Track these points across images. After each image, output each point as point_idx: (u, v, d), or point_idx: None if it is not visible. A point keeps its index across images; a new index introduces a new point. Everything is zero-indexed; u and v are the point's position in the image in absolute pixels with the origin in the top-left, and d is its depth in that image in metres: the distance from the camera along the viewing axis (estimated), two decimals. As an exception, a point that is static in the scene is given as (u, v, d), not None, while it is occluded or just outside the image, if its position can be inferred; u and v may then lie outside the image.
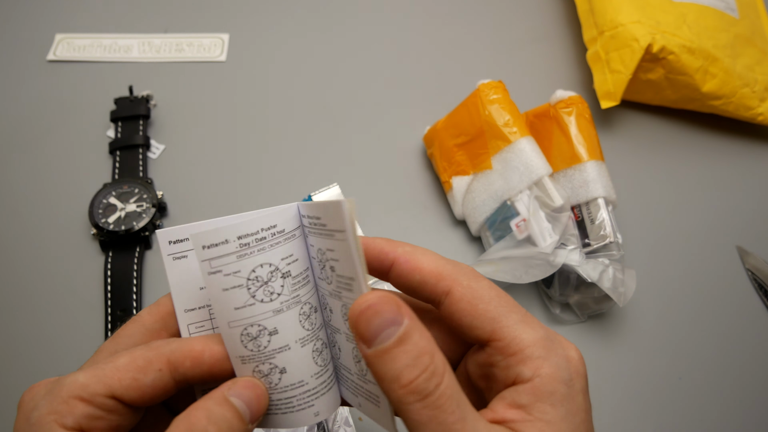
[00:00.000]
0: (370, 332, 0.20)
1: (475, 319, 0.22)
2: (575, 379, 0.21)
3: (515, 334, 0.21)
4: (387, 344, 0.20)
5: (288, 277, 0.23)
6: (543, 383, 0.21)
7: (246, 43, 0.60)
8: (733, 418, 0.43)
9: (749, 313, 0.47)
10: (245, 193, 0.51)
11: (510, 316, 0.22)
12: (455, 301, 0.22)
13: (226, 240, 0.22)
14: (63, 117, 0.55)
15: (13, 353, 0.43)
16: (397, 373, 0.20)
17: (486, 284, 0.23)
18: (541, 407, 0.20)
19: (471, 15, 0.64)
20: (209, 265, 0.22)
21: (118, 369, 0.22)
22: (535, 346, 0.21)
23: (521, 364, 0.21)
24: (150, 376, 0.22)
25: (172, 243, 0.24)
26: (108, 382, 0.21)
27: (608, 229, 0.43)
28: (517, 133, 0.45)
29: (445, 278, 0.23)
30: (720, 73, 0.52)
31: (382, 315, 0.20)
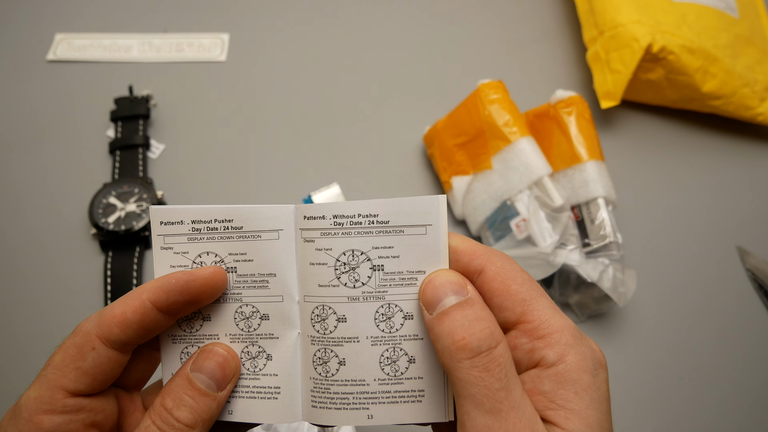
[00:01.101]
0: (436, 297, 0.21)
1: (506, 300, 0.22)
2: (599, 369, 0.21)
3: (545, 318, 0.21)
4: (447, 307, 0.21)
5: (379, 270, 0.23)
6: (567, 370, 0.20)
7: (246, 43, 0.60)
8: (733, 418, 0.43)
9: (749, 313, 0.47)
10: (245, 192, 0.51)
11: (541, 300, 0.22)
12: (488, 280, 0.22)
13: (182, 221, 0.24)
14: (63, 117, 0.55)
15: (13, 353, 0.43)
16: (451, 331, 0.20)
17: (518, 267, 0.23)
18: (565, 395, 0.20)
19: (471, 15, 0.64)
20: (163, 241, 0.24)
21: (57, 368, 0.22)
22: (564, 332, 0.21)
23: (547, 348, 0.21)
24: (88, 359, 0.22)
25: (164, 224, 0.24)
26: (55, 384, 0.22)
27: (608, 229, 0.43)
28: (517, 133, 0.45)
29: (478, 257, 0.22)
30: (720, 73, 0.52)
31: (446, 286, 0.22)
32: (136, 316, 0.23)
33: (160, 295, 0.23)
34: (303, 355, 0.24)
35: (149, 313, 0.23)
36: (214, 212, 0.24)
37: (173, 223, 0.24)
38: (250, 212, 0.24)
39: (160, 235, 0.24)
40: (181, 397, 0.22)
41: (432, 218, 0.23)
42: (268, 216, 0.24)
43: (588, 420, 0.20)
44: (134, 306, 0.23)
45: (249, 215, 0.24)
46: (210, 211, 0.24)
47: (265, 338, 0.24)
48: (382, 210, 0.23)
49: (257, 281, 0.24)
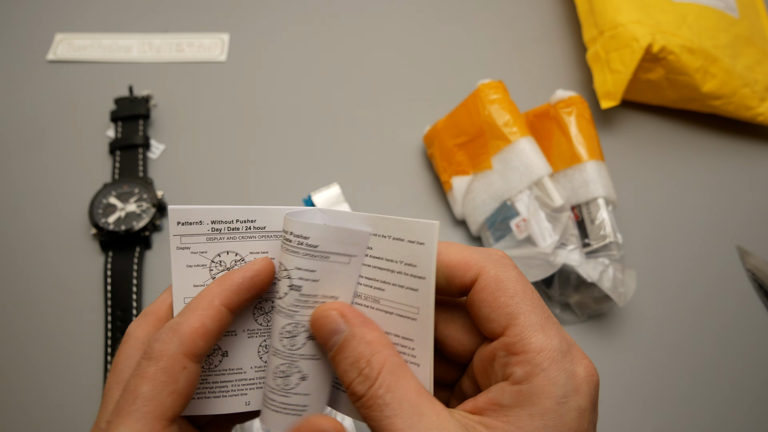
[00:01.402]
0: (323, 340, 0.23)
1: (493, 311, 0.22)
2: (571, 397, 0.20)
3: (525, 336, 0.21)
4: (332, 352, 0.22)
5: (296, 291, 0.24)
6: (530, 392, 0.20)
7: (246, 43, 0.60)
8: (733, 418, 0.43)
9: (749, 313, 0.47)
10: (245, 192, 0.51)
11: (529, 317, 0.21)
12: (479, 289, 0.22)
13: (201, 221, 0.24)
14: (63, 117, 0.55)
15: (13, 353, 0.43)
16: (341, 377, 0.22)
17: (514, 276, 0.22)
18: (518, 413, 0.20)
19: (471, 15, 0.64)
20: (179, 241, 0.24)
21: (151, 398, 0.21)
22: (541, 354, 0.20)
23: (518, 365, 0.21)
24: (182, 380, 0.22)
25: (181, 224, 0.24)
26: (154, 416, 0.21)
27: (608, 229, 0.43)
28: (517, 133, 0.45)
29: (472, 267, 0.22)
30: (720, 73, 0.52)
31: (327, 325, 0.22)
32: (215, 324, 0.23)
33: (232, 297, 0.23)
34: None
35: (225, 318, 0.23)
36: (236, 213, 0.24)
37: (191, 223, 0.24)
38: (274, 213, 0.24)
39: (177, 235, 0.24)
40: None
41: (357, 250, 0.24)
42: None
43: None
44: (211, 315, 0.23)
45: (273, 216, 0.24)
46: (231, 212, 0.24)
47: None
48: (313, 234, 0.23)
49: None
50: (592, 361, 0.22)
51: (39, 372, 0.42)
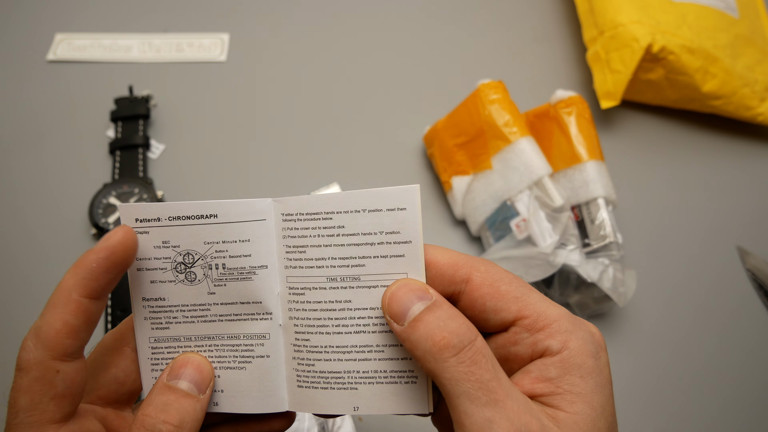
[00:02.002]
0: (403, 308, 0.21)
1: (499, 301, 0.22)
2: (600, 352, 0.21)
3: (542, 310, 0.22)
4: (417, 314, 0.21)
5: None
6: (572, 355, 0.21)
7: (246, 43, 0.60)
8: (733, 418, 0.43)
9: (749, 313, 0.47)
10: (245, 192, 0.51)
11: (532, 295, 0.22)
12: (476, 286, 0.22)
13: (159, 218, 0.24)
14: (63, 117, 0.55)
15: (13, 353, 0.43)
16: (429, 334, 0.20)
17: (502, 269, 0.23)
18: (570, 380, 0.21)
19: (471, 15, 0.64)
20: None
21: (31, 409, 0.21)
22: (562, 320, 0.21)
23: (550, 338, 0.21)
24: (59, 384, 0.21)
25: (139, 221, 0.24)
26: (39, 423, 0.21)
27: (608, 229, 0.43)
28: (517, 133, 0.45)
29: (462, 267, 0.23)
30: (720, 73, 0.52)
31: (410, 294, 0.22)
32: (79, 318, 0.21)
33: (91, 285, 0.22)
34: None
35: (90, 309, 0.22)
36: (192, 207, 0.24)
37: (149, 220, 0.24)
38: (229, 206, 0.24)
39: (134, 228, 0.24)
40: (165, 402, 0.22)
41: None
42: (249, 210, 0.24)
43: (592, 403, 0.20)
44: (72, 310, 0.21)
45: (229, 209, 0.24)
46: (188, 207, 0.24)
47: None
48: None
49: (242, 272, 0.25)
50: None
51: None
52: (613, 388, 0.22)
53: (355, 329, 0.24)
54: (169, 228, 0.24)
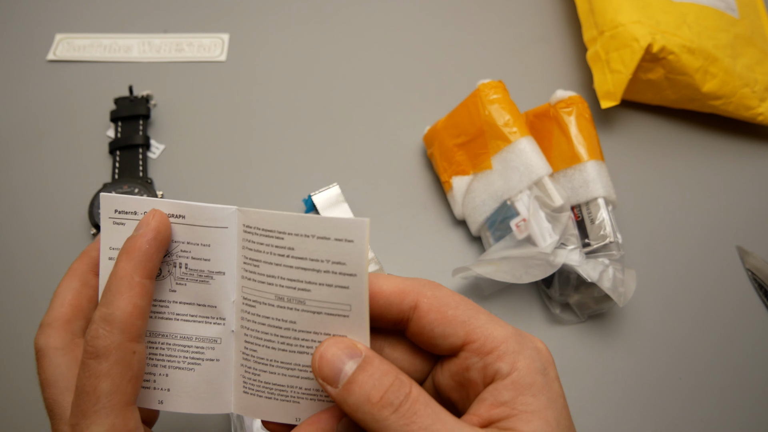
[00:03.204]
0: (333, 371, 0.22)
1: (447, 327, 0.22)
2: (548, 367, 0.22)
3: (488, 332, 0.22)
4: (351, 375, 0.21)
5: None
6: (521, 376, 0.21)
7: (246, 43, 0.60)
8: (733, 418, 0.43)
9: (749, 313, 0.47)
10: (245, 193, 0.51)
11: (479, 317, 0.22)
12: (424, 313, 0.23)
13: (135, 212, 0.25)
14: (63, 117, 0.55)
15: (13, 354, 0.43)
16: (366, 396, 0.21)
17: (449, 291, 0.23)
18: (523, 399, 0.21)
19: (471, 15, 0.64)
20: (113, 222, 0.25)
21: (113, 392, 0.22)
22: (508, 341, 0.22)
23: (499, 361, 0.22)
24: (135, 364, 0.23)
25: (117, 212, 0.25)
26: (121, 405, 0.22)
27: (608, 229, 0.43)
28: (517, 133, 0.45)
29: (408, 293, 0.23)
30: (720, 73, 0.52)
31: (339, 354, 0.22)
32: (145, 300, 0.23)
33: (148, 266, 0.23)
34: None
35: (150, 289, 0.23)
36: (165, 206, 0.25)
37: (127, 212, 0.25)
38: (196, 209, 0.25)
39: (111, 218, 0.25)
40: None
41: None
42: (212, 216, 0.25)
43: (547, 418, 0.21)
44: (139, 292, 0.23)
45: (196, 212, 0.25)
46: (161, 204, 0.25)
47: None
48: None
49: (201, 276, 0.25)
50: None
51: (39, 372, 0.42)
52: (565, 400, 0.22)
53: (298, 349, 0.24)
54: None
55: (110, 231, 0.25)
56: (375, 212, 0.50)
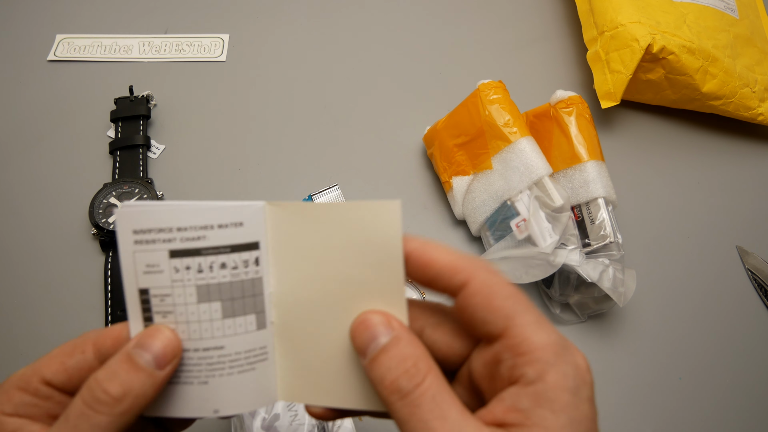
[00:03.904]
0: (364, 343, 0.22)
1: (489, 314, 0.22)
2: (582, 387, 0.21)
3: (527, 335, 0.21)
4: (375, 352, 0.22)
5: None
6: (546, 389, 0.20)
7: (246, 43, 0.60)
8: (733, 418, 0.43)
9: (749, 313, 0.47)
10: (245, 193, 0.51)
11: (524, 316, 0.21)
12: (471, 294, 0.22)
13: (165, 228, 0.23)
14: (63, 117, 0.55)
15: (13, 353, 0.43)
16: (381, 376, 0.22)
17: (502, 279, 0.22)
18: (541, 413, 0.20)
19: (471, 15, 0.64)
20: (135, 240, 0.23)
21: (50, 357, 0.23)
22: (546, 350, 0.21)
23: (527, 366, 0.21)
24: (74, 359, 0.23)
25: (139, 232, 0.23)
26: (39, 369, 0.23)
27: (608, 229, 0.43)
28: (517, 133, 0.45)
29: (460, 271, 0.22)
30: (720, 73, 0.52)
31: (371, 328, 0.22)
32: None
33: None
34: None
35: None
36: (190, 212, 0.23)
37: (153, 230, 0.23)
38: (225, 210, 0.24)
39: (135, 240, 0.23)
40: (115, 370, 0.22)
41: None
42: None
43: None
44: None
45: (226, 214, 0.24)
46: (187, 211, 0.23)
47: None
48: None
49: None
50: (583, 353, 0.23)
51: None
52: (595, 424, 0.21)
53: (339, 332, 0.25)
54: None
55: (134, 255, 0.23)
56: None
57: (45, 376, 0.23)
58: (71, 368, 0.23)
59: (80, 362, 0.23)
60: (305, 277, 0.24)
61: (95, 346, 0.23)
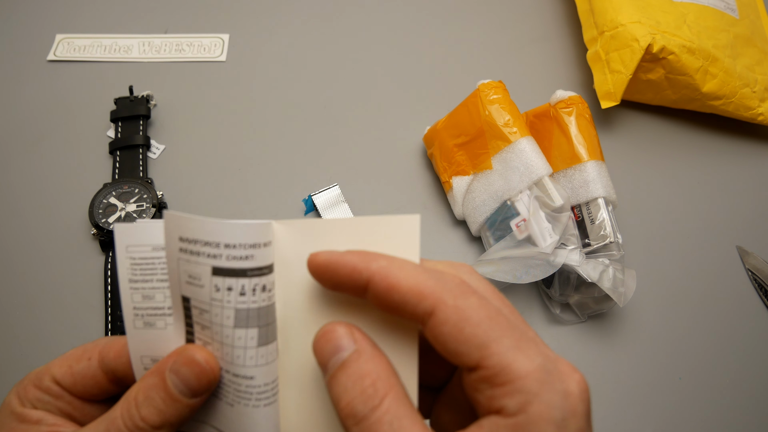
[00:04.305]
0: (324, 357, 0.21)
1: (460, 345, 0.19)
2: (570, 419, 0.19)
3: (506, 363, 0.19)
4: (333, 370, 0.20)
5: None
6: (529, 421, 0.18)
7: (246, 43, 0.60)
8: (733, 418, 0.43)
9: (749, 313, 0.47)
10: (245, 193, 0.51)
11: (501, 343, 0.19)
12: (438, 324, 0.20)
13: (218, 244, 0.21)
14: (63, 117, 0.55)
15: (13, 353, 0.43)
16: (338, 396, 0.20)
17: (475, 302, 0.20)
18: None
19: (471, 15, 0.64)
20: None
21: (62, 358, 0.24)
22: (527, 378, 0.19)
23: (507, 397, 0.19)
24: (81, 364, 0.24)
25: (185, 240, 0.21)
26: (51, 368, 0.24)
27: (608, 229, 0.43)
28: (517, 133, 0.45)
29: (426, 297, 0.20)
30: (720, 73, 0.52)
31: (333, 341, 0.21)
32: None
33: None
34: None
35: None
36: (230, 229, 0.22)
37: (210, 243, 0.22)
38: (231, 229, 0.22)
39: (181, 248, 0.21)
40: (152, 396, 0.22)
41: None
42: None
43: None
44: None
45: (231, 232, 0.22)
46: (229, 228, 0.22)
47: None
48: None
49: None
50: (580, 372, 0.20)
51: (39, 372, 0.42)
52: None
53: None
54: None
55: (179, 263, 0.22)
56: (375, 212, 0.50)
57: (55, 375, 0.24)
58: (77, 373, 0.24)
59: (85, 368, 0.24)
60: (310, 303, 0.23)
61: (100, 355, 0.24)
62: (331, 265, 0.21)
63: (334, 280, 0.21)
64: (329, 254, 0.21)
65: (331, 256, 0.21)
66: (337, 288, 0.21)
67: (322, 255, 0.21)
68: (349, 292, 0.21)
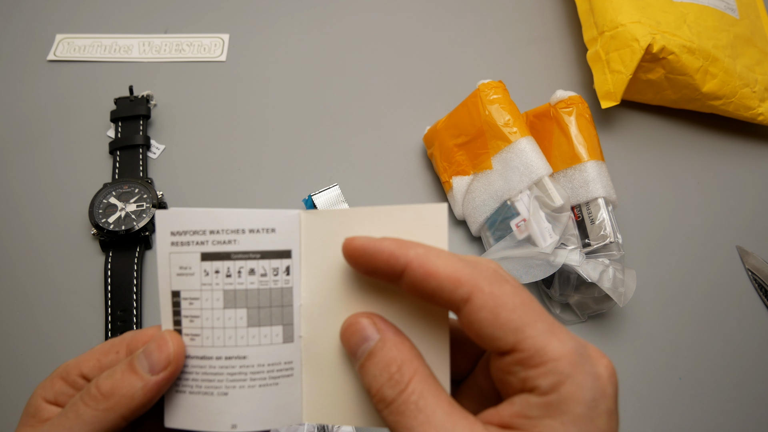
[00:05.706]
0: (353, 347, 0.22)
1: (496, 330, 0.20)
2: (600, 400, 0.20)
3: (540, 346, 0.20)
4: (362, 359, 0.22)
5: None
6: (560, 401, 0.19)
7: (246, 43, 0.60)
8: (733, 418, 0.43)
9: (749, 313, 0.47)
10: (245, 193, 0.51)
11: (535, 326, 0.20)
12: (475, 309, 0.20)
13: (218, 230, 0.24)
14: (63, 117, 0.55)
15: (13, 353, 0.43)
16: (368, 384, 0.21)
17: (510, 289, 0.21)
18: (549, 423, 0.19)
19: (471, 15, 0.64)
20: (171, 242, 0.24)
21: (90, 352, 0.24)
22: (561, 360, 0.19)
23: (541, 378, 0.19)
24: (109, 358, 0.24)
25: (175, 234, 0.23)
26: (79, 363, 0.24)
27: (608, 229, 0.43)
28: (517, 133, 0.45)
29: (463, 284, 0.20)
30: (720, 73, 0.52)
31: (359, 331, 0.22)
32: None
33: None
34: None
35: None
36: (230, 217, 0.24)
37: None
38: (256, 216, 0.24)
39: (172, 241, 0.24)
40: (114, 371, 0.23)
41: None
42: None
43: None
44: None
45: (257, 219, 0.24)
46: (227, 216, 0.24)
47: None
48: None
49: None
50: (608, 358, 0.21)
51: (39, 372, 0.42)
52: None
53: None
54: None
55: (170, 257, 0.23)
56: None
57: (83, 370, 0.24)
58: (105, 366, 0.24)
59: (113, 362, 0.24)
60: (339, 290, 0.23)
61: (128, 347, 0.24)
62: (370, 250, 0.22)
63: (371, 264, 0.22)
64: (366, 240, 0.22)
65: (369, 242, 0.22)
66: (372, 273, 0.22)
67: (359, 240, 0.22)
68: (382, 278, 0.22)
